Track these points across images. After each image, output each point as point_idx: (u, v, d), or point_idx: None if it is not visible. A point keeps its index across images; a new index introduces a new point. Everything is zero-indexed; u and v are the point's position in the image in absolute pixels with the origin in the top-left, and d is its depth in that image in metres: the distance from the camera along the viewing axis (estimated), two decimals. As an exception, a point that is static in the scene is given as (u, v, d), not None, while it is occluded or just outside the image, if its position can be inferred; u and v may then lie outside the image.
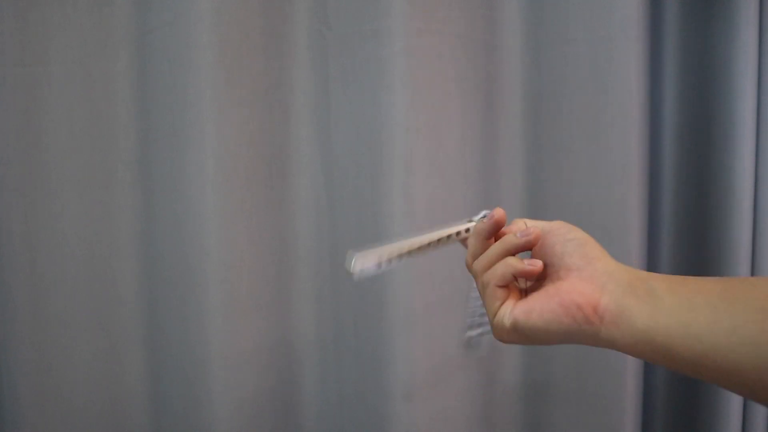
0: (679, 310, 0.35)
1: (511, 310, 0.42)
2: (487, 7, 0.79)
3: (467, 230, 0.48)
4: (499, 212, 0.44)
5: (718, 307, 0.34)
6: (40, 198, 0.69)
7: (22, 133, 0.68)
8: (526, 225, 0.45)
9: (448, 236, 0.48)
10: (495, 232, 0.45)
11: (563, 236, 0.42)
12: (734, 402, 0.83)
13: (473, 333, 0.50)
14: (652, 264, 0.87)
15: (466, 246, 0.48)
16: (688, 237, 0.88)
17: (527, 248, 0.43)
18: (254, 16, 0.71)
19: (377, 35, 0.72)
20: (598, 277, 0.39)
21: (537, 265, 0.41)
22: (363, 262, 0.45)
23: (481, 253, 0.45)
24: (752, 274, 0.83)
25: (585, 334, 0.39)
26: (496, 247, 0.43)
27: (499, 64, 0.80)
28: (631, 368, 0.79)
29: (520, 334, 0.41)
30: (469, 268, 0.46)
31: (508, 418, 0.85)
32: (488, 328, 0.45)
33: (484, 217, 0.47)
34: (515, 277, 0.43)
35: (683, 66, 0.87)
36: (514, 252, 0.43)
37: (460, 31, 0.77)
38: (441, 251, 0.77)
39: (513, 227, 0.45)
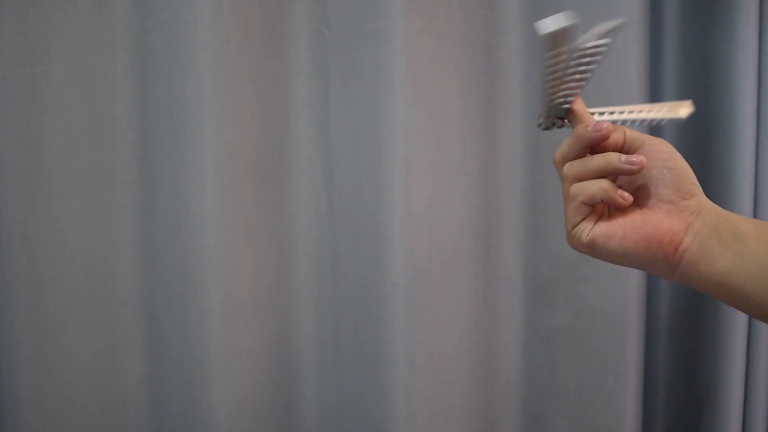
0: (763, 255, 0.36)
1: (592, 228, 0.41)
2: (487, 7, 0.79)
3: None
4: (608, 128, 0.41)
5: None
6: (40, 198, 0.69)
7: (22, 133, 0.68)
8: (625, 134, 0.41)
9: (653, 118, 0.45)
10: (598, 144, 0.42)
11: (663, 161, 0.40)
12: (734, 402, 0.83)
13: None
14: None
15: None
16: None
17: (627, 175, 0.41)
18: (254, 16, 0.71)
19: (377, 35, 0.72)
20: (687, 216, 0.39)
21: (628, 200, 0.40)
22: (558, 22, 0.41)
23: (574, 158, 0.42)
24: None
25: (660, 268, 0.39)
26: (596, 163, 0.41)
27: (499, 64, 0.80)
28: (632, 368, 0.79)
29: (594, 251, 0.41)
30: (557, 164, 0.44)
31: (508, 419, 0.85)
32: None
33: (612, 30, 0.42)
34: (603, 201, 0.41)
35: (683, 66, 0.87)
36: (612, 174, 0.41)
37: (460, 31, 0.77)
38: (438, 247, 0.77)
39: (604, 124, 0.41)
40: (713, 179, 0.84)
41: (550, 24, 0.41)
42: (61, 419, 0.72)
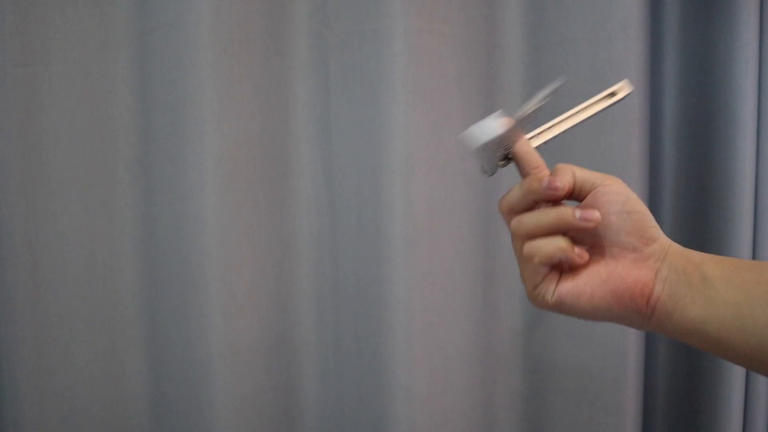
0: (735, 302, 0.34)
1: (557, 288, 0.38)
2: (487, 7, 0.79)
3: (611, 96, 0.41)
4: (563, 186, 0.38)
5: None
6: (40, 198, 0.69)
7: (22, 133, 0.68)
8: (575, 177, 0.39)
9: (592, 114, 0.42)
10: (550, 200, 0.40)
11: (620, 205, 0.38)
12: (735, 402, 0.83)
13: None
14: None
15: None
16: (688, 237, 0.88)
17: (583, 231, 0.38)
18: (254, 16, 0.71)
19: (377, 35, 0.72)
20: (653, 263, 0.37)
21: (585, 258, 0.38)
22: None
23: (522, 210, 0.40)
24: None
25: (634, 321, 0.38)
26: (549, 220, 0.38)
27: (499, 64, 0.80)
28: (632, 369, 0.79)
29: (563, 310, 0.39)
30: (503, 213, 0.41)
31: (508, 419, 0.85)
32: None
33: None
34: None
35: (683, 66, 0.87)
36: (566, 230, 0.38)
37: (460, 31, 0.77)
38: (438, 247, 0.77)
39: (560, 178, 0.39)
40: (713, 179, 0.84)
41: (481, 133, 0.39)
42: (62, 419, 0.72)
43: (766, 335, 0.33)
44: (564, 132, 0.43)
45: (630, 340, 0.79)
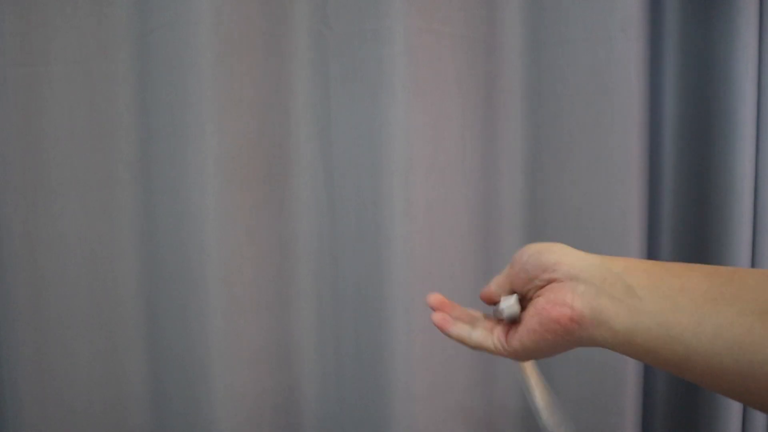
0: (660, 311, 0.34)
1: (507, 342, 0.43)
2: (487, 7, 0.79)
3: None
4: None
5: (702, 308, 0.32)
6: (40, 198, 0.69)
7: (22, 133, 0.68)
8: (491, 290, 0.46)
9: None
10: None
11: (522, 263, 0.41)
12: (734, 402, 0.83)
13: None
14: (652, 264, 0.87)
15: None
16: (688, 237, 0.88)
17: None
18: (254, 17, 0.71)
19: (377, 35, 0.72)
20: (567, 283, 0.38)
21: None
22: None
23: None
24: (752, 274, 0.83)
25: (570, 341, 0.39)
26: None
27: (499, 64, 0.80)
28: (631, 368, 0.79)
29: (521, 355, 0.43)
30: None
31: (508, 419, 0.85)
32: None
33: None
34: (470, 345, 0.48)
35: (683, 66, 0.87)
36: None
37: (460, 31, 0.77)
38: (438, 247, 0.77)
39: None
40: (713, 179, 0.84)
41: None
42: (62, 419, 0.72)
43: (693, 344, 0.32)
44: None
45: (630, 340, 0.79)
